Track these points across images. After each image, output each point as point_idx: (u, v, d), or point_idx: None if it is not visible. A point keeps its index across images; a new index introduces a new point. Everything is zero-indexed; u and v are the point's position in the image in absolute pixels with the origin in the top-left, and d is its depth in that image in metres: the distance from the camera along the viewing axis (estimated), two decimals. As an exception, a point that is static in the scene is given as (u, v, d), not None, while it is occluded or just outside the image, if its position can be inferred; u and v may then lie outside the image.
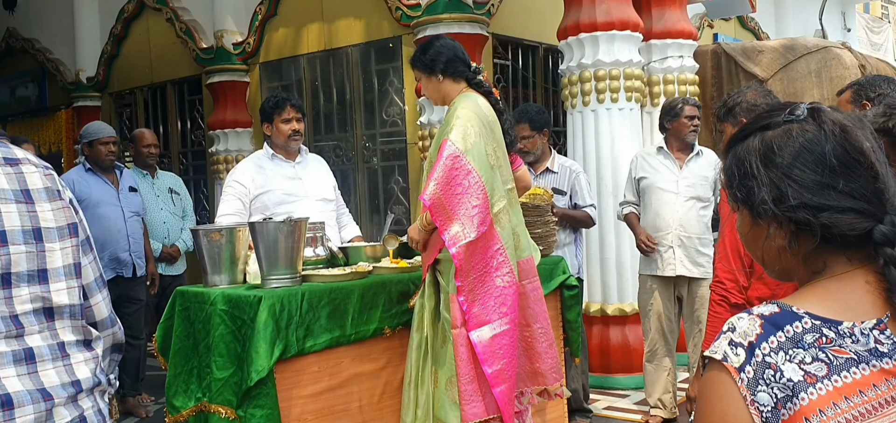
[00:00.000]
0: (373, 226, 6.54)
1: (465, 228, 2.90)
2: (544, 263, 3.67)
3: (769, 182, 1.10)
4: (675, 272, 4.47)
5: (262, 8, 6.93)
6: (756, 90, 3.01)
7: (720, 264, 2.70)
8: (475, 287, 2.96)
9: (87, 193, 5.03)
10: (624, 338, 5.38)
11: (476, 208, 2.92)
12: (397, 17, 6.01)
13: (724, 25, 9.02)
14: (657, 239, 4.48)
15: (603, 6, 5.26)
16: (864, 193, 1.07)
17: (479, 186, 2.93)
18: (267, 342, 2.77)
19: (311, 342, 2.92)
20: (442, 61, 3.14)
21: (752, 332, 1.05)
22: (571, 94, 5.45)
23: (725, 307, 2.65)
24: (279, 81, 7.13)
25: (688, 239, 4.45)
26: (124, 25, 8.05)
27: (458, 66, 3.16)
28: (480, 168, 2.97)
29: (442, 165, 2.92)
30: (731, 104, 2.97)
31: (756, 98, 2.93)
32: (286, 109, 3.98)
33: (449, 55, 3.15)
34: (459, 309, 2.96)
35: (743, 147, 1.16)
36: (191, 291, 3.16)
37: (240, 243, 3.20)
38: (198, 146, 7.87)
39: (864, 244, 1.08)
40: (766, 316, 1.06)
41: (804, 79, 5.93)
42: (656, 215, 4.50)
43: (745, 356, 1.04)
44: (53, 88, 8.95)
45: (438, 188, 2.91)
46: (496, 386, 2.95)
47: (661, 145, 4.57)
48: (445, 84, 3.17)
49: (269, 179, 3.97)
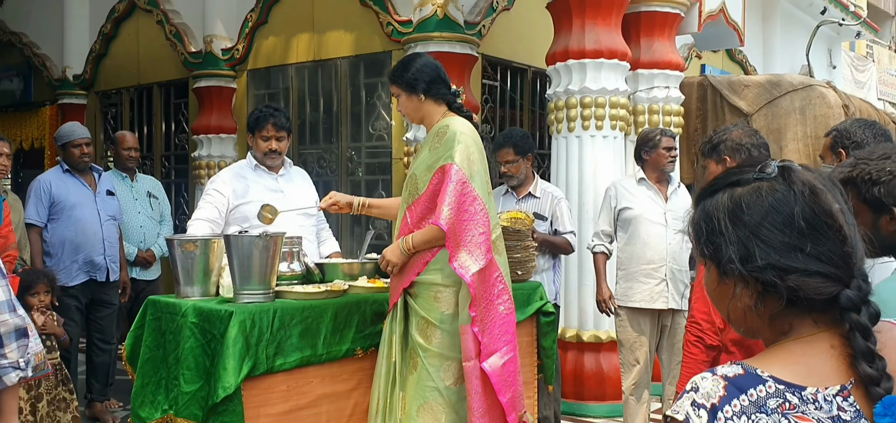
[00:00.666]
0: (353, 239, 6.52)
1: (474, 255, 2.89)
2: (522, 288, 3.67)
3: (737, 240, 1.10)
4: (667, 305, 4.42)
5: (252, 15, 6.91)
6: (741, 129, 3.02)
7: (697, 304, 2.70)
8: (484, 316, 2.94)
9: (65, 194, 4.98)
10: (598, 365, 5.38)
11: (482, 236, 2.91)
12: (388, 33, 6.01)
13: (711, 57, 9.09)
14: (647, 271, 4.41)
15: (592, 34, 5.28)
16: (831, 256, 1.06)
17: (483, 213, 2.94)
18: (236, 359, 2.74)
19: (281, 361, 2.89)
20: (424, 81, 3.10)
21: (715, 394, 1.04)
22: (557, 119, 5.46)
23: (701, 348, 2.64)
24: (267, 88, 7.11)
25: (679, 272, 4.43)
26: (114, 25, 8.01)
27: (441, 88, 3.13)
28: (483, 195, 2.97)
29: (452, 189, 2.90)
30: (715, 141, 2.98)
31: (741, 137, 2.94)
32: (267, 127, 3.94)
33: (432, 76, 3.11)
34: (474, 340, 2.93)
35: (712, 203, 1.15)
36: (162, 301, 3.14)
37: (214, 254, 3.17)
38: (181, 150, 7.83)
39: (830, 308, 1.07)
40: (730, 378, 1.05)
41: (788, 115, 5.97)
42: (646, 246, 4.42)
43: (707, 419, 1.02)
44: (39, 84, 8.89)
45: (452, 213, 2.89)
46: (510, 414, 2.95)
47: (642, 176, 4.55)
48: (426, 105, 3.13)
49: (251, 190, 3.94)
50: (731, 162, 2.89)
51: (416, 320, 3.03)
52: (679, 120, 5.92)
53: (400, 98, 3.18)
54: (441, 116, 3.15)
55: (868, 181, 1.84)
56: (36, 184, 5.01)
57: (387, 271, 3.13)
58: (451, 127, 3.04)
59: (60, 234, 4.94)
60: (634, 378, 4.49)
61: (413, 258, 3.03)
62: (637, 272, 4.43)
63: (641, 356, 4.47)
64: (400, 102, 3.20)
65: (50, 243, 4.94)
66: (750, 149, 2.90)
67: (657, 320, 4.50)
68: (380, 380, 3.06)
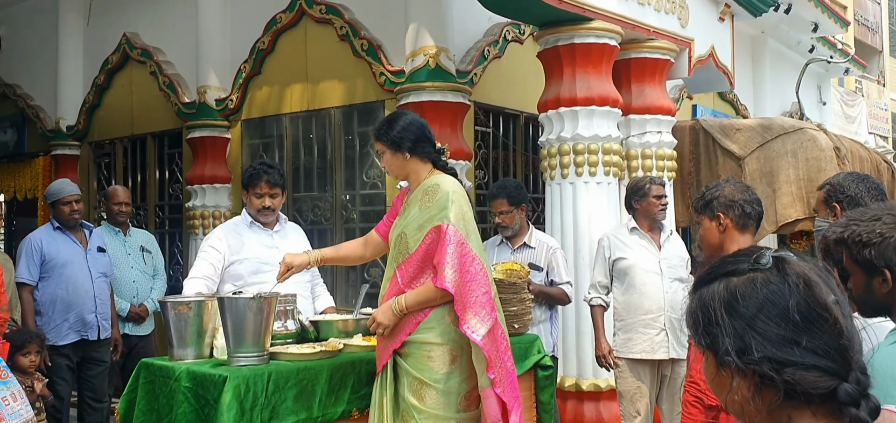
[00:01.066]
0: (349, 285, 6.50)
1: (480, 316, 2.88)
2: (519, 341, 3.65)
3: (733, 332, 1.09)
4: (668, 355, 4.39)
5: (246, 66, 6.94)
6: (733, 185, 3.03)
7: (695, 364, 2.69)
8: (501, 377, 2.92)
9: (56, 252, 4.95)
10: (598, 414, 5.33)
11: (486, 296, 2.91)
12: (381, 83, 6.04)
13: (703, 98, 9.15)
14: (646, 321, 4.39)
15: (583, 82, 5.32)
16: (827, 350, 1.05)
17: (483, 272, 2.93)
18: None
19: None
20: (410, 140, 3.09)
21: None
22: (551, 166, 5.48)
23: (699, 409, 2.63)
24: (261, 137, 7.12)
25: (677, 320, 4.40)
26: (107, 76, 8.03)
27: (426, 147, 3.12)
28: (480, 254, 2.97)
29: (453, 250, 2.89)
30: (708, 198, 2.99)
31: (733, 193, 2.95)
32: (260, 185, 3.95)
33: (417, 134, 3.10)
34: (498, 402, 2.90)
35: (708, 292, 1.14)
36: (156, 364, 3.11)
37: (208, 316, 3.15)
38: (175, 200, 7.81)
39: (828, 400, 1.06)
40: None
41: (780, 158, 6.00)
42: (643, 296, 4.40)
43: None
44: (33, 135, 8.89)
45: (456, 275, 2.88)
46: None
47: (634, 225, 4.54)
48: (412, 162, 3.11)
49: (246, 247, 3.93)
50: (724, 219, 2.90)
51: (409, 380, 2.99)
52: (672, 164, 5.94)
53: (384, 155, 3.16)
54: (427, 174, 3.13)
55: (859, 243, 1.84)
56: (27, 243, 4.98)
57: (375, 333, 3.07)
58: (442, 187, 3.03)
59: (51, 292, 4.91)
60: None
61: (404, 319, 3.00)
62: (636, 323, 4.41)
63: (642, 407, 4.43)
64: (384, 159, 3.18)
65: (40, 301, 4.91)
66: (742, 205, 2.91)
67: (657, 370, 4.47)
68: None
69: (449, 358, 2.99)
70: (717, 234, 2.93)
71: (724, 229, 2.90)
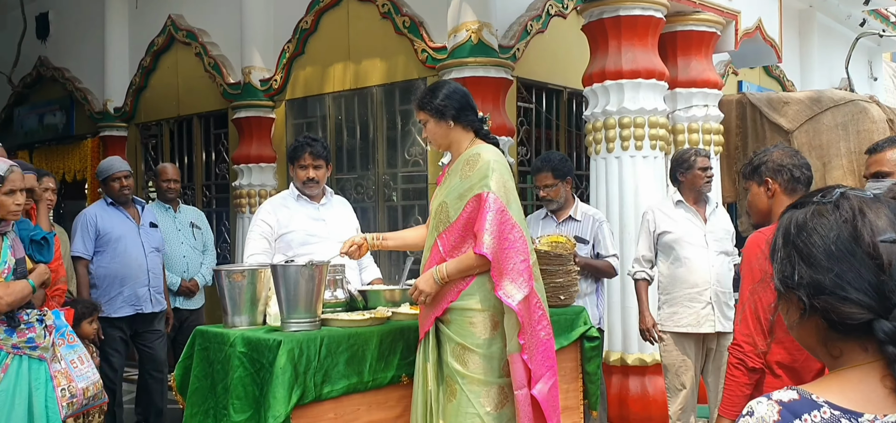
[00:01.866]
0: (391, 264, 6.54)
1: (517, 283, 2.88)
2: (565, 313, 3.64)
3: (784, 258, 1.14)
4: (714, 329, 4.35)
5: (289, 46, 7.00)
6: (782, 150, 2.97)
7: (739, 326, 2.66)
8: (531, 344, 2.93)
9: (110, 227, 5.07)
10: (643, 389, 5.31)
11: (523, 263, 2.91)
12: (423, 60, 6.05)
13: (748, 73, 8.99)
14: (692, 295, 4.35)
15: (629, 54, 5.26)
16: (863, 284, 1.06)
17: (523, 241, 2.93)
18: (285, 388, 2.76)
19: (328, 388, 2.90)
20: (453, 108, 3.07)
21: (770, 418, 1.05)
22: (596, 140, 5.44)
23: (743, 371, 2.60)
24: (304, 117, 7.18)
25: (723, 294, 4.37)
26: (153, 58, 8.17)
27: (469, 115, 3.11)
28: (520, 222, 2.96)
29: (492, 218, 2.90)
30: (756, 163, 2.94)
31: (781, 158, 2.89)
32: (304, 157, 4.00)
33: (461, 102, 3.09)
34: (524, 368, 2.92)
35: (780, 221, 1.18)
36: (210, 331, 3.17)
37: (261, 284, 3.20)
38: (221, 179, 7.93)
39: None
40: (785, 402, 1.06)
41: (830, 132, 5.88)
42: (689, 270, 4.36)
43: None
44: (81, 117, 9.08)
45: (494, 242, 2.89)
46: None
47: (679, 198, 4.49)
48: (455, 131, 3.10)
49: (294, 219, 3.98)
50: (773, 183, 2.86)
51: (451, 346, 3.01)
52: (718, 138, 5.86)
53: (427, 124, 3.14)
54: (469, 143, 3.12)
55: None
56: (82, 218, 5.10)
57: (418, 301, 3.08)
58: (483, 156, 3.03)
59: (106, 266, 5.03)
60: (681, 403, 4.42)
61: (446, 287, 3.01)
62: (681, 297, 4.37)
63: (687, 380, 4.40)
64: (427, 129, 3.16)
65: (95, 275, 5.03)
66: (791, 169, 2.85)
67: (702, 344, 4.44)
68: (417, 411, 3.04)
69: (491, 324, 3.00)
70: (765, 199, 2.89)
71: (773, 194, 2.86)
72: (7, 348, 3.24)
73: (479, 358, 2.97)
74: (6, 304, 3.18)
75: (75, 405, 3.48)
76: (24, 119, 9.89)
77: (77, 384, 3.50)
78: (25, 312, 3.31)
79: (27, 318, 3.30)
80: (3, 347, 3.24)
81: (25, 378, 3.27)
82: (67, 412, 3.44)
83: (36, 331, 3.33)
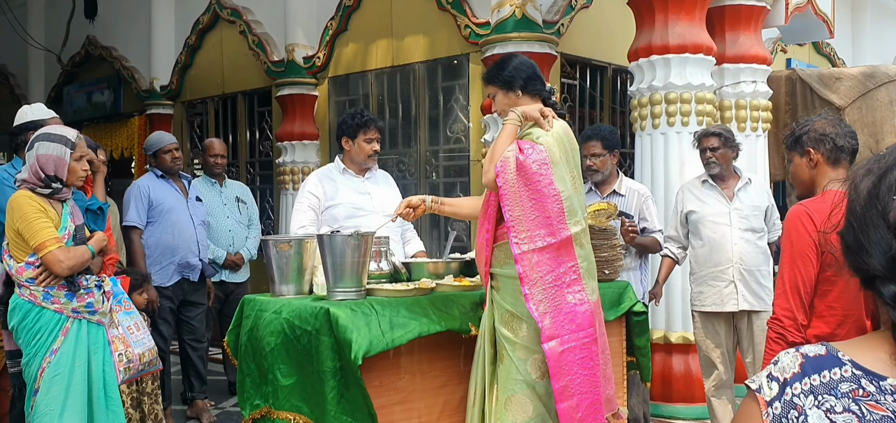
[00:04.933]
0: (432, 241, 6.55)
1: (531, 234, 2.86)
2: (611, 287, 3.62)
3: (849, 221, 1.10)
4: (738, 308, 4.32)
5: (332, 23, 7.03)
6: (825, 119, 2.90)
7: (779, 300, 2.62)
8: (546, 299, 2.90)
9: (162, 198, 5.17)
10: (686, 367, 5.25)
11: (548, 218, 2.87)
12: (466, 35, 6.03)
13: (797, 51, 8.79)
14: (715, 274, 4.33)
15: (676, 29, 5.17)
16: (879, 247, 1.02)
17: (556, 197, 2.89)
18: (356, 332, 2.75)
19: (399, 333, 2.87)
20: (522, 78, 3.11)
21: (791, 369, 1.04)
22: (641, 116, 5.37)
23: (782, 345, 2.57)
24: (347, 95, 7.22)
25: (748, 272, 4.32)
26: (198, 36, 8.27)
27: (537, 85, 3.14)
28: (559, 181, 2.92)
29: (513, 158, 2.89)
30: (798, 134, 2.88)
31: (824, 127, 2.83)
32: (372, 130, 4.06)
33: (529, 72, 3.13)
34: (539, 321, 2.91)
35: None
36: (258, 299, 3.22)
37: (307, 254, 3.23)
38: (265, 157, 8.02)
39: None
40: (809, 357, 1.04)
41: (885, 107, 5.72)
42: (712, 249, 4.35)
43: (776, 391, 1.03)
44: (128, 95, 9.25)
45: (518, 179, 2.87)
46: (560, 402, 2.89)
47: (706, 177, 4.45)
48: (523, 101, 3.12)
49: (340, 192, 4.02)
50: (815, 154, 2.79)
51: (501, 313, 3.01)
52: (767, 115, 5.74)
53: (497, 97, 3.18)
54: None
55: None
56: (134, 188, 5.21)
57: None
58: (537, 137, 3.00)
59: (157, 237, 5.13)
60: (714, 381, 4.46)
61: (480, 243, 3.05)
62: (705, 276, 4.38)
63: (717, 358, 4.42)
64: (497, 102, 3.20)
65: (147, 244, 5.13)
66: (834, 138, 2.78)
67: (732, 322, 4.40)
68: (477, 370, 3.07)
69: None
70: (808, 170, 2.82)
71: (815, 165, 2.80)
72: (68, 312, 3.33)
73: (527, 327, 2.96)
74: (67, 268, 3.27)
75: (131, 369, 3.57)
76: (72, 98, 10.10)
77: (134, 349, 3.58)
78: (85, 277, 3.40)
79: (86, 283, 3.39)
80: (63, 310, 3.33)
81: (85, 342, 3.36)
82: (124, 376, 3.52)
83: (95, 296, 3.42)
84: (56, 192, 3.34)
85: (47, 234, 3.25)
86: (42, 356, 3.27)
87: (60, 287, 3.32)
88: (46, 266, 3.26)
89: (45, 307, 3.30)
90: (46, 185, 3.31)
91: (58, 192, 3.35)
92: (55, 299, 3.31)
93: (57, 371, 3.27)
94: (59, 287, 3.31)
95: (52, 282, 3.30)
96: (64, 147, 3.32)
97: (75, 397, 3.29)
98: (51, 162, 3.29)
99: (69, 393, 3.27)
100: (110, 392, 3.41)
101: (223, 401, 5.85)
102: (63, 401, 3.26)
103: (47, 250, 3.24)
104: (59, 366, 3.28)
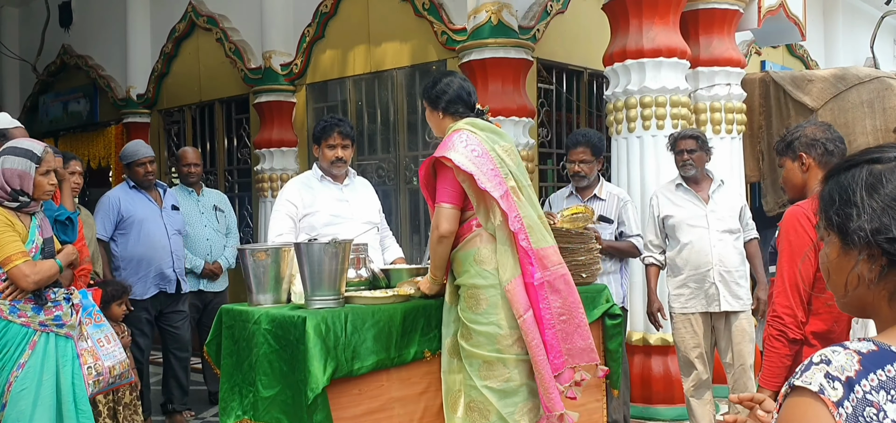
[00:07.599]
0: (413, 246, 6.56)
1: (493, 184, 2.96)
2: (587, 290, 3.64)
3: (871, 211, 1.13)
4: (721, 308, 4.38)
5: (310, 30, 7.02)
6: (815, 125, 2.99)
7: (779, 298, 2.68)
8: None
9: (133, 210, 5.14)
10: (666, 369, 5.30)
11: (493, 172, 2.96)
12: (443, 42, 6.04)
13: (771, 53, 8.89)
14: (696, 277, 4.39)
15: (650, 33, 5.22)
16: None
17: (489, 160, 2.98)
18: (320, 360, 2.78)
19: (358, 365, 2.93)
20: (444, 100, 3.19)
21: (851, 367, 1.05)
22: (617, 120, 5.41)
23: (783, 342, 2.64)
24: (325, 101, 7.21)
25: (728, 273, 4.38)
26: (175, 44, 8.23)
27: (458, 107, 3.19)
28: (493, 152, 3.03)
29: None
30: (790, 139, 2.95)
31: (815, 133, 2.91)
32: (333, 136, 4.04)
33: (452, 96, 3.18)
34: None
35: (848, 175, 1.18)
36: (235, 309, 3.21)
37: (285, 262, 3.23)
38: (243, 164, 7.99)
39: None
40: (864, 353, 1.06)
41: (856, 109, 5.80)
42: (692, 252, 4.40)
43: (843, 392, 1.03)
44: (104, 104, 9.18)
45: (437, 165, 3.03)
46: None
47: (680, 181, 4.51)
48: (445, 121, 3.21)
49: (317, 200, 4.01)
50: (806, 158, 2.87)
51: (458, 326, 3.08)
52: (741, 117, 5.81)
53: (426, 110, 3.31)
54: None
55: None
56: (104, 200, 5.18)
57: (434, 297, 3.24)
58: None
59: (131, 248, 5.10)
60: (693, 381, 4.51)
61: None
62: (686, 278, 4.43)
63: (696, 359, 4.46)
64: (426, 114, 3.33)
65: (121, 257, 5.10)
66: (824, 143, 2.86)
67: (710, 322, 4.45)
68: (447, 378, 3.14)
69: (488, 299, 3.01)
70: (800, 174, 2.90)
71: (807, 169, 2.87)
72: (34, 326, 3.30)
73: (476, 335, 2.99)
74: (33, 282, 3.24)
75: (101, 382, 3.54)
76: (48, 107, 10.01)
77: (103, 362, 3.56)
78: (53, 290, 3.37)
79: (54, 296, 3.36)
80: (30, 324, 3.30)
81: (53, 355, 3.33)
82: (94, 389, 3.50)
83: (63, 309, 3.39)
84: (24, 205, 3.32)
85: (13, 248, 3.22)
86: (9, 370, 3.24)
87: (27, 301, 3.29)
88: (12, 280, 3.23)
89: (12, 321, 3.26)
90: (13, 198, 3.28)
91: (26, 205, 3.32)
92: (22, 312, 3.28)
93: (24, 386, 3.24)
94: (25, 301, 3.28)
95: (19, 296, 3.27)
96: (28, 162, 3.29)
97: (43, 411, 3.26)
98: (16, 176, 3.26)
99: (36, 407, 3.25)
100: (81, 405, 3.38)
101: (203, 411, 5.81)
102: (30, 415, 3.23)
103: (13, 264, 3.21)
104: (27, 380, 3.25)
